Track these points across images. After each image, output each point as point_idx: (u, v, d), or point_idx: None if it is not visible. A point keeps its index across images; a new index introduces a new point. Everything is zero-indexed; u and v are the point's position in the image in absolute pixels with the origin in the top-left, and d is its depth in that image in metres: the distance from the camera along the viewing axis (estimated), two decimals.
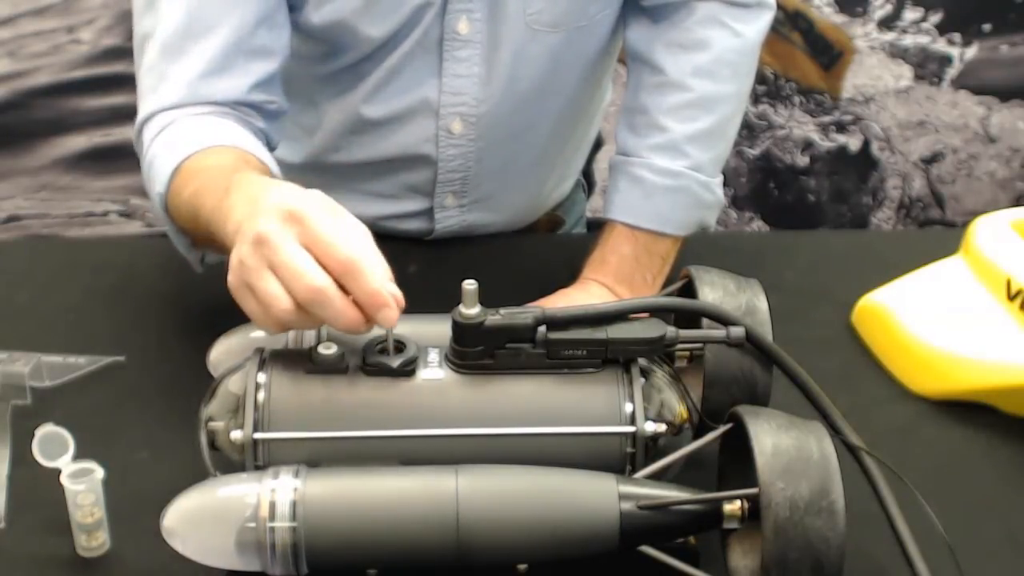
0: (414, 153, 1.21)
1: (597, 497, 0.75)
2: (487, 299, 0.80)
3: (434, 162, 1.21)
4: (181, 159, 0.99)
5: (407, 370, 0.80)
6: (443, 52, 1.15)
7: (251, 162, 0.99)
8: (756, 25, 1.19)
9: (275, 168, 1.03)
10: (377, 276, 0.77)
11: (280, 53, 1.10)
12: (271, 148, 1.11)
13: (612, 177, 1.18)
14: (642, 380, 0.81)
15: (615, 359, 0.81)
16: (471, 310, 0.79)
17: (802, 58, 2.34)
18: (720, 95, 1.17)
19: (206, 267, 1.07)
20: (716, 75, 1.16)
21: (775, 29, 2.27)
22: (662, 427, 0.79)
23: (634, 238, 1.14)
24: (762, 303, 0.87)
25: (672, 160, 1.15)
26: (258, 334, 0.89)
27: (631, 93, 1.19)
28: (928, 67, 2.36)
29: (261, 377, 0.80)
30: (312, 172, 1.28)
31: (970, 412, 0.99)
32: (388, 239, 1.27)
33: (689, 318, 0.87)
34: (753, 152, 2.40)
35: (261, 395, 0.79)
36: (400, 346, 0.81)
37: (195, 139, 1.01)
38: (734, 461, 0.79)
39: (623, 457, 0.79)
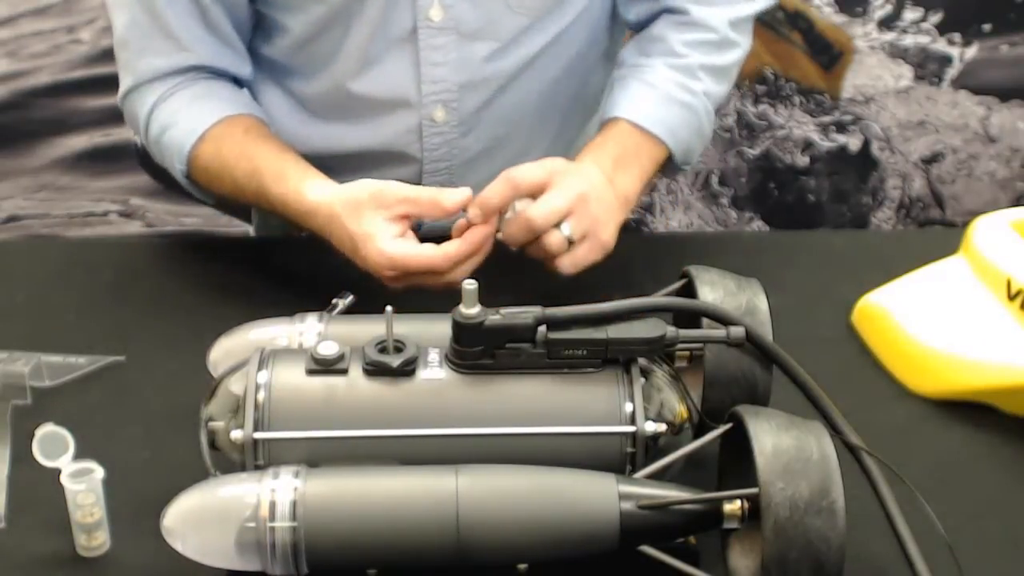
0: (399, 144, 1.21)
1: (597, 497, 0.75)
2: (487, 299, 0.80)
3: (419, 153, 1.21)
4: (189, 148, 1.14)
5: (407, 370, 0.80)
6: (418, 40, 1.15)
7: (250, 127, 1.14)
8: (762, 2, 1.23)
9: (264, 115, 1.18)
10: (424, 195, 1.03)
11: (226, 26, 1.16)
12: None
13: (620, 83, 1.18)
14: (642, 380, 0.81)
15: (615, 359, 0.81)
16: (471, 310, 0.79)
17: (802, 58, 2.34)
18: (739, 43, 1.20)
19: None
20: (738, 28, 1.20)
21: (775, 29, 2.28)
22: (662, 427, 0.79)
23: (639, 137, 1.13)
24: (762, 303, 0.87)
25: (688, 79, 1.16)
26: (258, 334, 0.89)
27: (644, 31, 1.21)
28: (928, 67, 2.36)
29: (261, 377, 0.80)
30: None
31: (970, 412, 0.99)
32: None
33: (689, 318, 0.87)
34: (753, 152, 2.39)
35: (261, 395, 0.79)
36: (400, 346, 0.81)
37: (196, 119, 1.14)
38: (734, 461, 0.79)
39: (623, 457, 0.79)
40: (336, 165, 1.26)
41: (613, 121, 1.14)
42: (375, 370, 0.80)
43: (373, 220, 1.02)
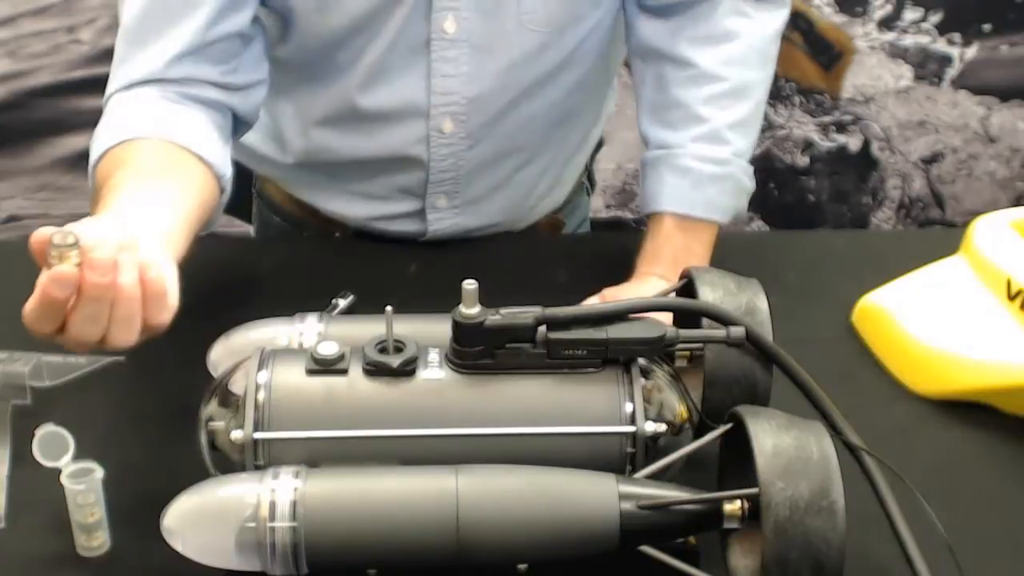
0: (406, 153, 1.21)
1: (597, 497, 0.75)
2: (487, 299, 0.80)
3: (425, 162, 1.21)
4: (96, 160, 1.02)
5: (407, 370, 0.80)
6: (431, 52, 1.15)
7: (154, 151, 1.00)
8: (777, 14, 1.21)
9: (208, 152, 1.03)
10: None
11: (238, 35, 1.09)
12: (247, 121, 1.14)
13: (653, 171, 1.18)
14: (642, 380, 0.81)
15: (615, 359, 0.81)
16: (471, 310, 0.79)
17: (802, 58, 2.34)
18: (753, 82, 1.19)
19: None
20: (748, 62, 1.19)
21: None
22: (662, 427, 0.79)
23: (686, 227, 1.15)
24: (762, 303, 0.87)
25: (717, 148, 1.16)
26: (258, 334, 0.89)
27: (655, 91, 1.20)
28: (928, 67, 2.36)
29: (261, 377, 0.80)
30: (304, 171, 1.28)
31: (970, 412, 0.99)
32: (386, 240, 1.28)
33: (689, 318, 0.87)
34: (753, 152, 2.40)
35: (261, 395, 0.79)
36: (400, 346, 0.81)
37: (114, 132, 1.02)
38: (734, 461, 0.78)
39: (623, 457, 0.79)
40: (343, 171, 1.26)
41: (658, 217, 1.16)
42: (375, 370, 0.80)
43: None
